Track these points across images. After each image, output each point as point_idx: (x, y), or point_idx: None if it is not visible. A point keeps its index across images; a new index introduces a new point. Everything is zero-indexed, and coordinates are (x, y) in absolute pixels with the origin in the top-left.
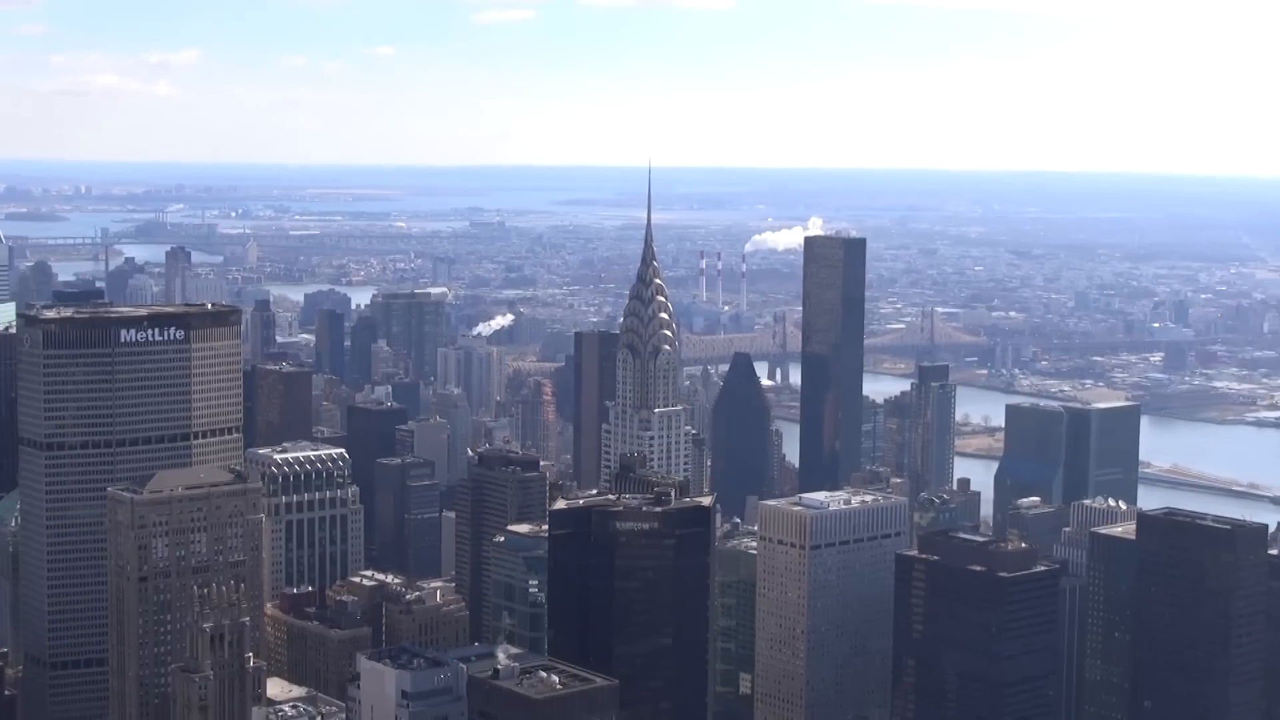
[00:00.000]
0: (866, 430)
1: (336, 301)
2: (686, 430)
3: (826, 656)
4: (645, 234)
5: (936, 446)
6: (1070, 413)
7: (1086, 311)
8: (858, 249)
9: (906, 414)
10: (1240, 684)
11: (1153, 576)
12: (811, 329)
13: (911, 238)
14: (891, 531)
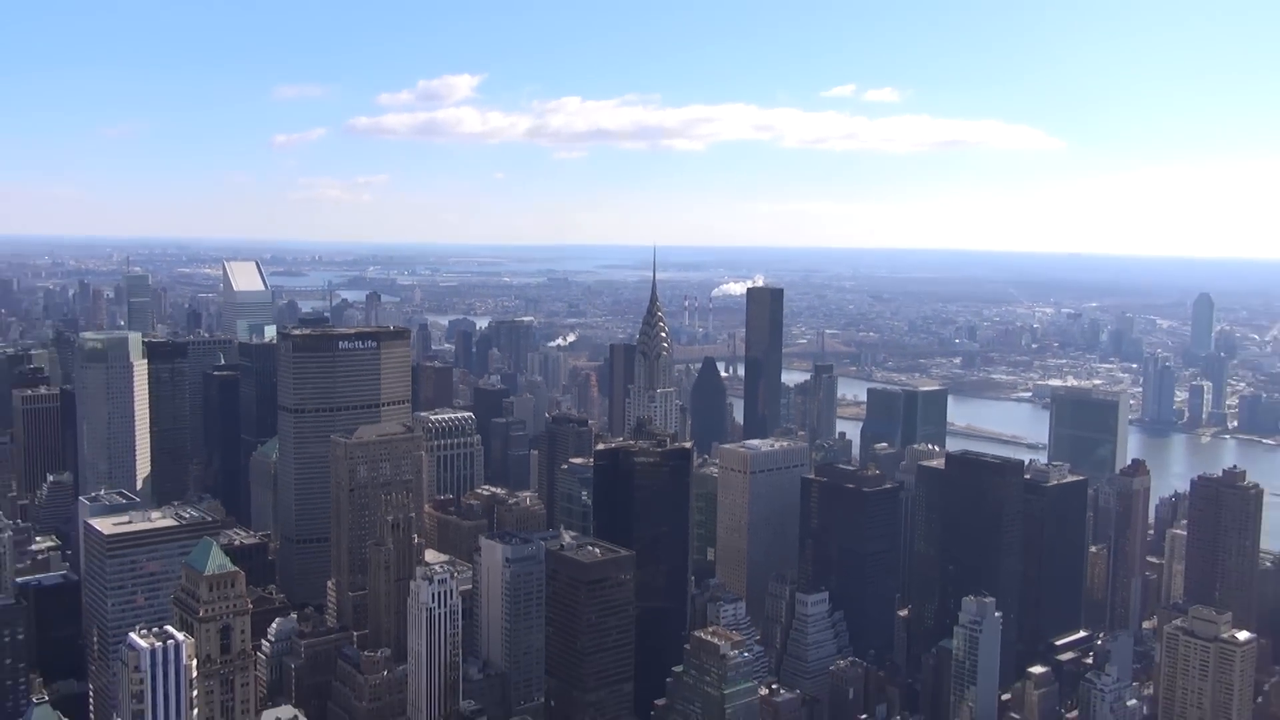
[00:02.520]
0: (784, 403)
1: (468, 325)
2: (676, 403)
3: (758, 538)
4: (652, 287)
5: (825, 414)
6: (905, 393)
7: (915, 333)
8: (778, 295)
9: (808, 394)
10: (1007, 555)
11: (954, 491)
12: (750, 342)
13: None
14: (798, 464)
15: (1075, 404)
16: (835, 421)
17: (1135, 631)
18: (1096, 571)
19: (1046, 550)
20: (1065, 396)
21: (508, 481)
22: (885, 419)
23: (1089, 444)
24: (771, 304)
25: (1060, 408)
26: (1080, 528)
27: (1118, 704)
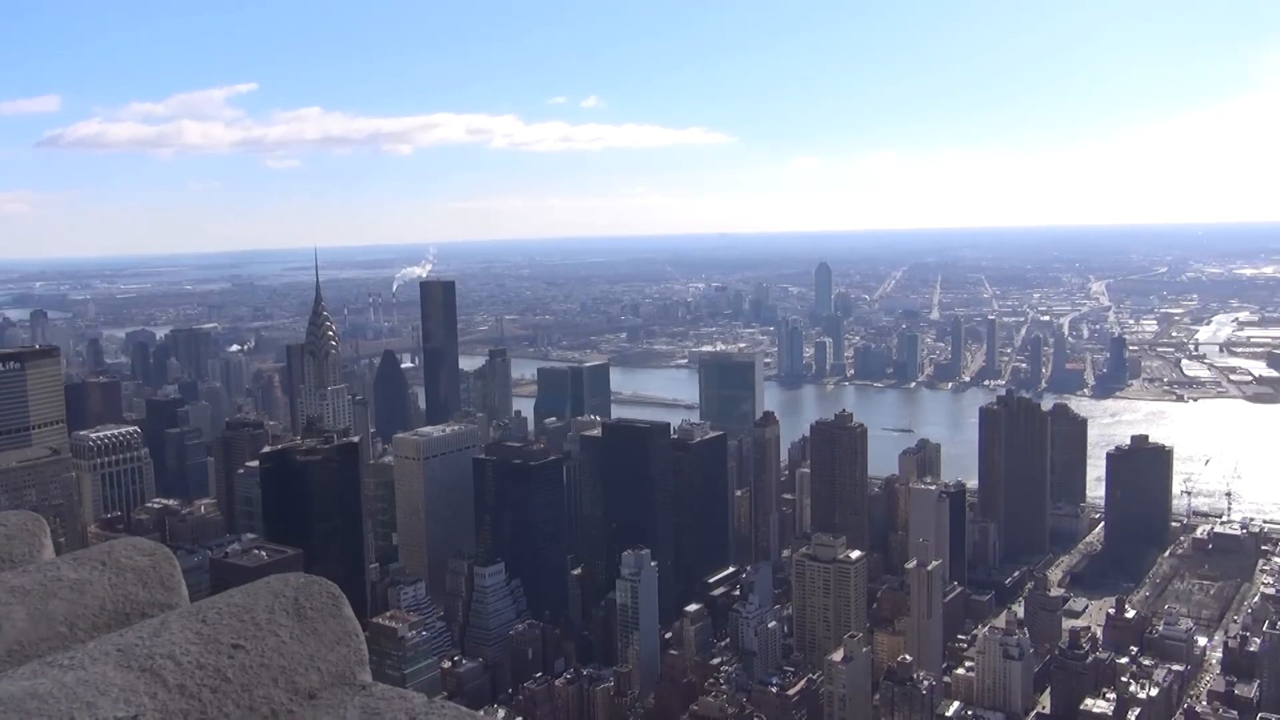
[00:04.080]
0: (464, 388)
1: (146, 336)
2: (352, 398)
3: (436, 519)
4: (316, 286)
5: (501, 395)
6: (572, 369)
7: (586, 313)
8: (450, 286)
9: (485, 377)
10: (661, 508)
11: (612, 455)
12: (428, 333)
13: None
14: (471, 445)
15: (720, 366)
16: (511, 401)
17: (775, 561)
18: (741, 513)
19: (696, 499)
20: (711, 360)
21: (186, 492)
22: (555, 394)
23: (733, 401)
24: (444, 295)
25: (707, 371)
26: (724, 476)
27: (761, 627)
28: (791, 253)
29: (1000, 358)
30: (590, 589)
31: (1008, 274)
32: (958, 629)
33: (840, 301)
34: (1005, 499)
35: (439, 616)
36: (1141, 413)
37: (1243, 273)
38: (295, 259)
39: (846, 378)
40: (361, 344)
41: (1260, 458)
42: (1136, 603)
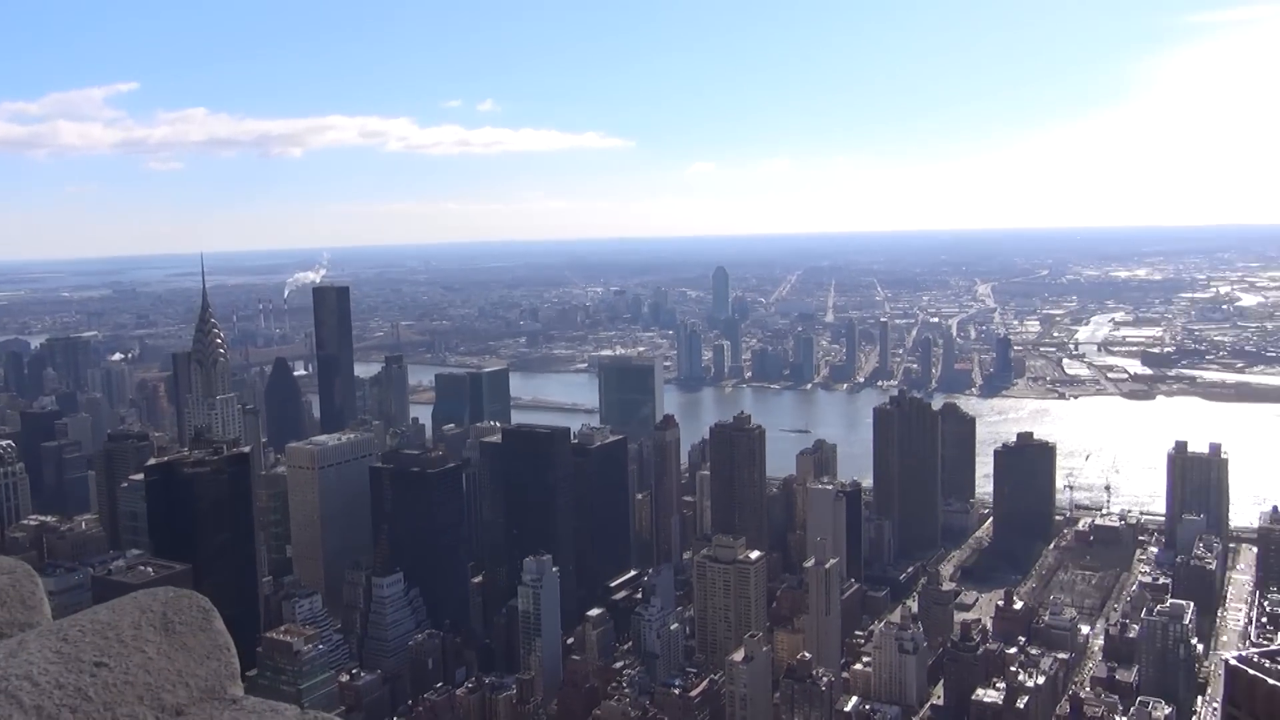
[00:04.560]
0: (359, 395)
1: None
2: (242, 407)
3: (332, 530)
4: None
5: (398, 402)
6: (471, 375)
7: (484, 318)
8: (344, 292)
9: (382, 384)
10: (562, 513)
11: (512, 461)
12: (322, 339)
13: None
14: (367, 453)
15: (619, 370)
16: (409, 408)
17: (677, 564)
18: (642, 516)
19: (597, 504)
20: (610, 365)
21: (65, 507)
22: (454, 400)
23: (633, 404)
24: (338, 301)
25: (607, 375)
26: (624, 480)
27: (663, 629)
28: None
29: (893, 359)
30: (491, 596)
31: (899, 277)
32: (855, 625)
33: (738, 305)
34: (899, 497)
35: (336, 629)
36: (1026, 410)
37: (1118, 275)
38: (180, 264)
39: (745, 380)
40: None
41: (1136, 452)
42: (1024, 594)
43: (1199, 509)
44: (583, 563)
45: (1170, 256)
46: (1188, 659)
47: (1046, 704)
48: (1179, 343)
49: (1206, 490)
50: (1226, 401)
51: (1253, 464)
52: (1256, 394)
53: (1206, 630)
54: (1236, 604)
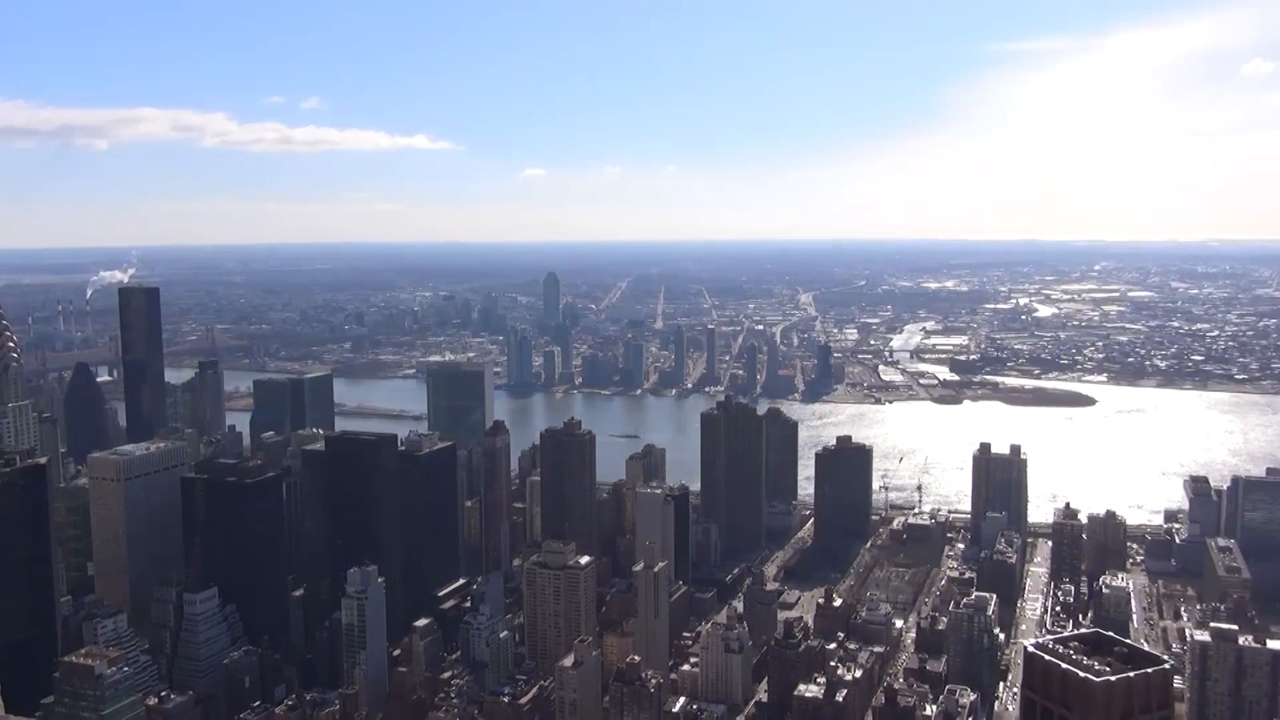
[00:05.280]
0: (171, 402)
1: None
2: (35, 415)
3: (139, 545)
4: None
5: (214, 409)
6: (292, 381)
7: (307, 322)
8: (154, 294)
9: (195, 390)
10: (389, 523)
11: (336, 470)
12: (129, 343)
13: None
14: (179, 463)
15: (449, 376)
16: (224, 415)
17: (506, 571)
18: (471, 523)
19: (425, 512)
20: (439, 370)
21: None
22: (274, 408)
23: (462, 410)
24: (147, 303)
25: (436, 381)
26: (453, 487)
27: (492, 637)
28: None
29: (720, 365)
30: (313, 610)
31: (726, 286)
32: (683, 627)
33: (569, 311)
34: (725, 500)
35: (143, 649)
36: (845, 415)
37: (929, 286)
38: None
39: (575, 386)
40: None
41: (945, 454)
42: (843, 591)
43: (1001, 506)
44: (410, 572)
45: (975, 270)
46: (991, 648)
47: (863, 696)
48: (983, 351)
49: (1008, 489)
50: (1025, 406)
51: (1048, 463)
52: (1051, 398)
53: (1008, 620)
54: (1034, 594)
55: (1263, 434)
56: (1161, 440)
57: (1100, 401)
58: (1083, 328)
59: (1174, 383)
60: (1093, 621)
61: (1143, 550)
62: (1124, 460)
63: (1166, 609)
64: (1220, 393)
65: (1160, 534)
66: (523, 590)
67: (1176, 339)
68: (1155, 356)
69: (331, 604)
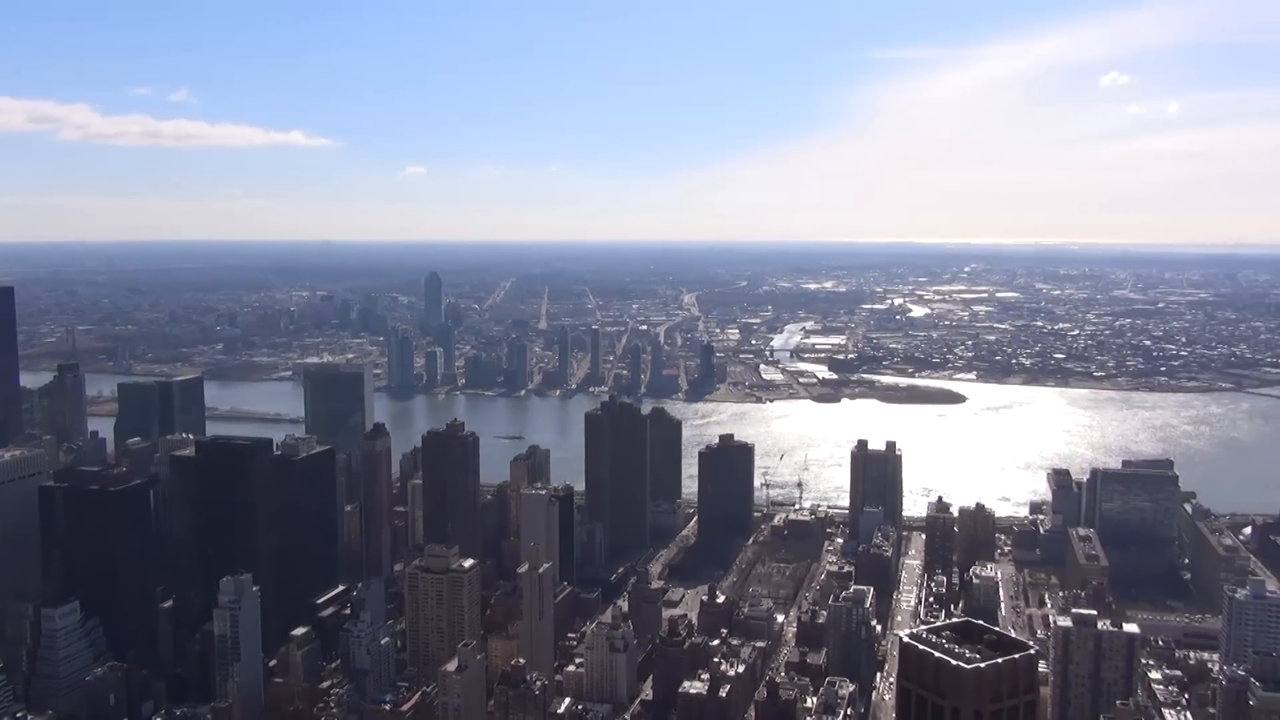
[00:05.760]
0: (27, 407)
1: None
2: None
3: None
4: None
5: (74, 414)
6: (160, 384)
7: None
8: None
9: (53, 395)
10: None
11: (207, 476)
12: None
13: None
14: (36, 471)
15: (326, 378)
16: (86, 420)
17: (388, 576)
18: (351, 528)
19: (302, 518)
20: (317, 372)
21: None
22: (140, 412)
23: (341, 413)
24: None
25: (313, 383)
26: (332, 492)
27: (373, 645)
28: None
29: (604, 365)
30: (184, 622)
31: (610, 286)
32: (569, 628)
33: (451, 311)
34: (610, 499)
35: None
36: (728, 414)
37: (808, 287)
38: None
39: (458, 387)
40: None
41: (824, 451)
42: (726, 588)
43: (878, 501)
44: (286, 580)
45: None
46: (868, 639)
47: (746, 691)
48: (860, 350)
49: (884, 484)
50: (900, 403)
51: (921, 459)
52: (924, 396)
53: (884, 612)
54: (909, 586)
55: (1118, 428)
56: (1026, 435)
57: (970, 399)
58: (953, 327)
59: (1038, 380)
60: (964, 611)
61: (1010, 541)
62: (992, 455)
63: (1032, 597)
64: (1080, 389)
65: (1026, 525)
66: (405, 595)
67: (1040, 338)
68: (1021, 355)
69: (203, 615)
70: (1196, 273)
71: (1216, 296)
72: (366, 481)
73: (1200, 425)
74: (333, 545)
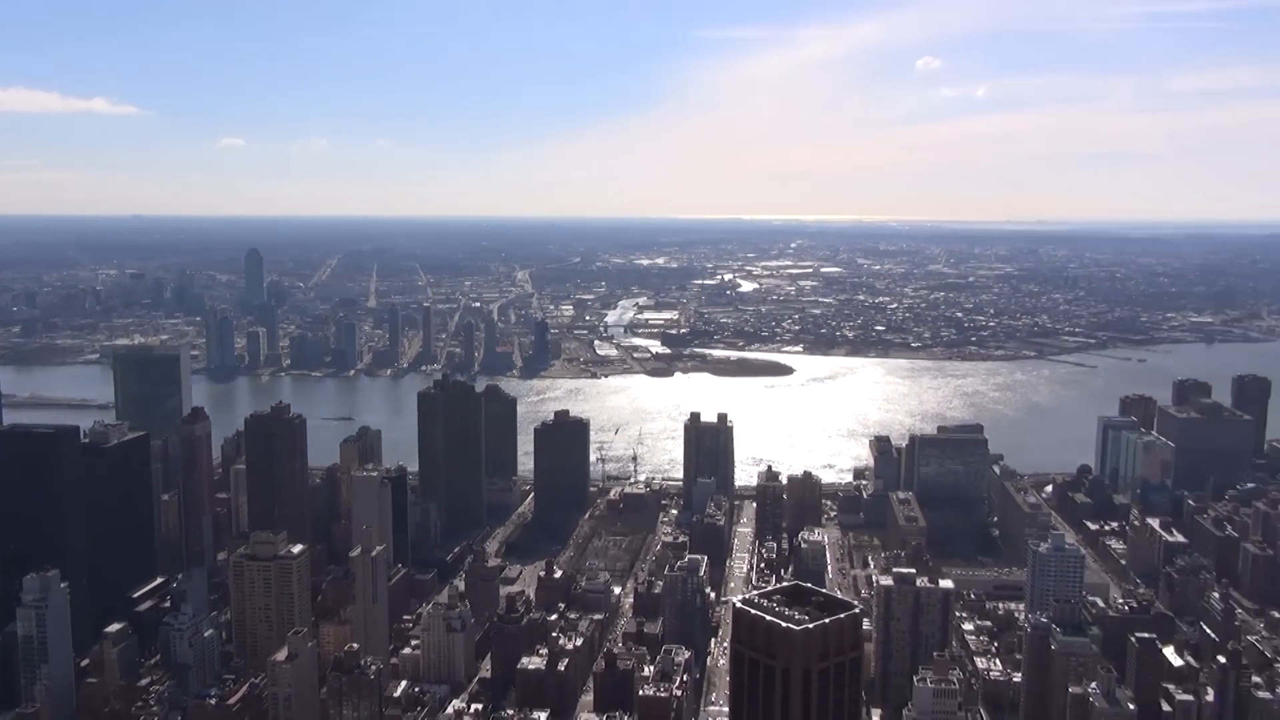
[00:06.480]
0: None
1: None
2: None
3: None
4: None
5: None
6: None
7: None
8: None
9: None
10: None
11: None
12: None
13: None
14: None
15: (139, 361)
16: None
17: (210, 566)
18: (170, 518)
19: (115, 509)
20: (128, 355)
21: None
22: None
23: (156, 398)
24: None
25: (124, 367)
26: (147, 480)
27: (195, 638)
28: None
29: (436, 343)
30: None
31: (441, 262)
32: (404, 610)
33: (274, 289)
34: (445, 479)
35: None
36: (563, 390)
37: (641, 263)
38: None
39: (283, 368)
40: None
41: (658, 424)
42: (563, 563)
43: (710, 472)
44: (99, 575)
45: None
46: (703, 607)
47: (584, 663)
48: (692, 325)
49: (716, 455)
50: (731, 376)
51: (752, 430)
52: (754, 369)
53: (718, 579)
54: (741, 553)
55: (934, 396)
56: (850, 404)
57: (797, 370)
58: (781, 302)
59: (860, 351)
60: (793, 575)
61: (836, 506)
62: (818, 424)
63: (857, 558)
64: (899, 359)
65: (850, 490)
66: (229, 585)
67: (862, 311)
68: (844, 328)
69: (5, 616)
70: (1003, 248)
71: (1020, 271)
72: (185, 468)
73: (1006, 391)
74: (149, 536)
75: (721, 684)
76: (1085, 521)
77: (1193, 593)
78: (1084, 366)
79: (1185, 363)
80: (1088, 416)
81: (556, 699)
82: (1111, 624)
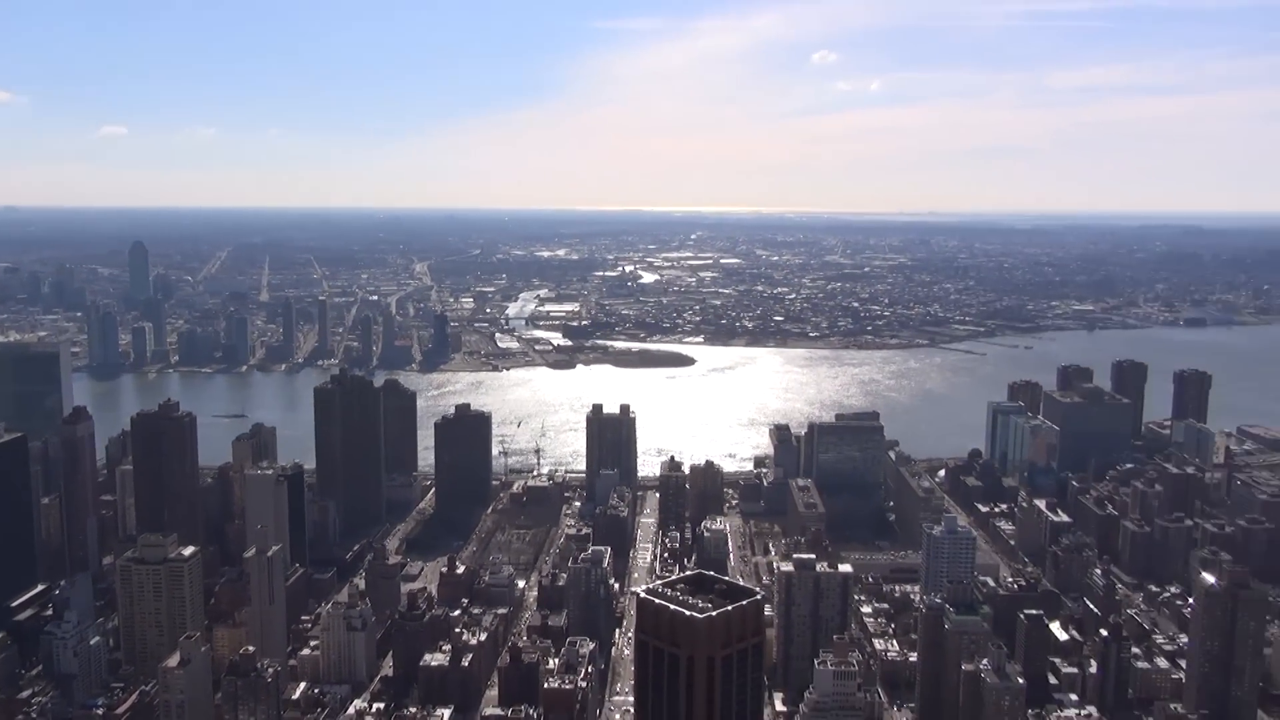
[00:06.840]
0: None
1: None
2: None
3: None
4: None
5: None
6: None
7: None
8: None
9: None
10: None
11: None
12: None
13: None
14: None
15: (14, 359)
16: None
17: (95, 571)
18: (50, 522)
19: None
20: (3, 353)
21: None
22: None
23: (34, 397)
24: None
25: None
26: (25, 483)
27: (81, 646)
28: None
29: (333, 337)
30: None
31: (336, 255)
32: (302, 610)
33: (160, 283)
34: (343, 475)
35: None
36: (464, 383)
37: (542, 254)
38: None
39: (171, 364)
40: None
41: (560, 416)
42: (466, 558)
43: (613, 464)
44: None
45: (585, 238)
46: (607, 598)
47: (489, 658)
48: (594, 316)
49: (619, 447)
50: (633, 367)
51: (654, 420)
52: (655, 360)
53: (622, 570)
54: (645, 543)
55: (832, 384)
56: (750, 394)
57: (699, 361)
58: (682, 293)
59: (760, 341)
60: (696, 563)
61: (737, 494)
62: (719, 413)
63: (758, 545)
64: (797, 349)
65: (751, 478)
66: (116, 590)
67: (761, 301)
68: (744, 318)
69: None
70: (896, 239)
71: (913, 261)
72: (67, 470)
73: (901, 379)
74: (28, 541)
75: (627, 674)
76: (976, 504)
77: (1076, 570)
78: (974, 354)
79: (1068, 349)
80: (978, 402)
81: (460, 695)
82: (1002, 602)
